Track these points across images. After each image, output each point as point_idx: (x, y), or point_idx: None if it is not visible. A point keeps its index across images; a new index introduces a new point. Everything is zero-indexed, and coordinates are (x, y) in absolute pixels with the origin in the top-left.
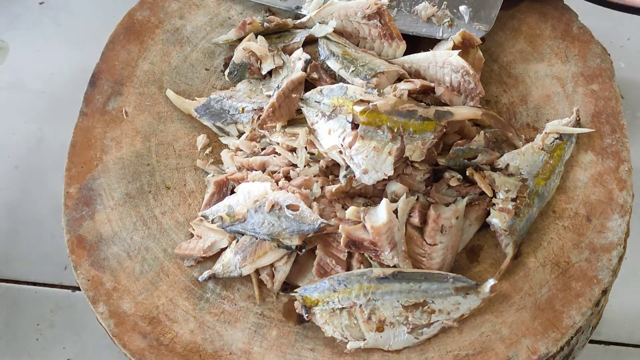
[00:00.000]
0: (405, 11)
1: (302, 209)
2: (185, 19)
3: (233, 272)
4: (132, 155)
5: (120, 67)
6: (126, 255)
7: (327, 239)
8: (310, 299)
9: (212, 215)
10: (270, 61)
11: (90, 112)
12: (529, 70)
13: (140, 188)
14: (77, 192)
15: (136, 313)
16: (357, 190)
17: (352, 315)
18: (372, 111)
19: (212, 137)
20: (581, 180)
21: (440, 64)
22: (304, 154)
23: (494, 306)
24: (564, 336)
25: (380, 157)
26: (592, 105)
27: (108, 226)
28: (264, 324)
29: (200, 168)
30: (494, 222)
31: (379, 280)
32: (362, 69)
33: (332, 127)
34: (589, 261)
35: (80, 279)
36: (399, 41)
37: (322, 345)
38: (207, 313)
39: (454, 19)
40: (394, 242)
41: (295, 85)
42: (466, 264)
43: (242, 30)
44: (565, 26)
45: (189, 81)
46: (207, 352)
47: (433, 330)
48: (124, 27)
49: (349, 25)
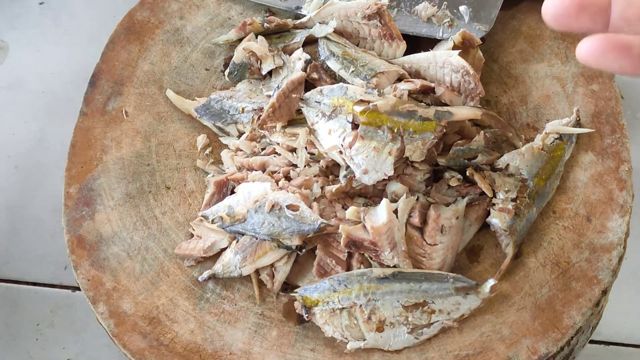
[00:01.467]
0: (405, 11)
1: (302, 209)
2: (186, 19)
3: (233, 272)
4: (132, 155)
5: (120, 67)
6: (126, 255)
7: (327, 239)
8: (310, 299)
9: (212, 215)
10: (270, 61)
11: (90, 112)
12: (529, 71)
13: (141, 188)
14: (77, 192)
15: (136, 313)
16: (357, 190)
17: (352, 315)
18: (372, 111)
19: (212, 137)
20: (581, 180)
21: (441, 64)
22: (304, 154)
23: (494, 306)
24: (564, 336)
25: (380, 157)
26: (592, 105)
27: (108, 226)
28: (264, 324)
29: (200, 168)
30: (494, 222)
31: (379, 280)
32: (362, 69)
33: (332, 127)
34: (589, 261)
35: (80, 279)
36: (399, 41)
37: (323, 346)
38: (207, 313)
39: (454, 19)
40: (394, 242)
41: (295, 85)
42: (466, 264)
43: (243, 31)
44: None
45: (189, 81)
46: (207, 352)
47: (433, 330)
48: (124, 27)
49: (349, 26)
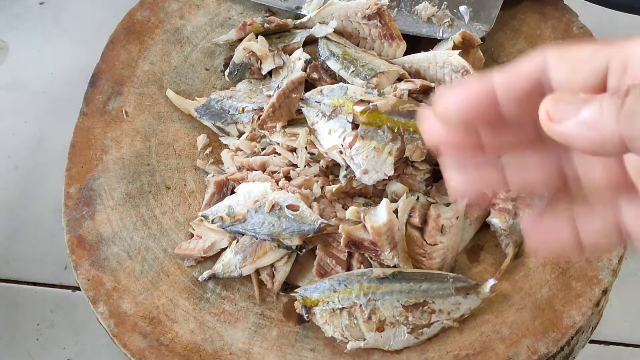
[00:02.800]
0: (405, 11)
1: (302, 209)
2: (186, 19)
3: (233, 272)
4: (132, 155)
5: (120, 67)
6: (126, 255)
7: (327, 239)
8: (310, 299)
9: (212, 215)
10: (270, 61)
11: (90, 112)
12: None
13: (140, 188)
14: (77, 192)
15: (136, 313)
16: (357, 190)
17: (352, 315)
18: (372, 111)
19: (212, 137)
20: None
21: (441, 64)
22: (304, 154)
23: (494, 306)
24: (564, 336)
25: (381, 157)
26: None
27: (108, 226)
28: (264, 324)
29: (200, 168)
30: (494, 222)
31: (379, 280)
32: (362, 69)
33: (333, 127)
34: (589, 261)
35: (80, 279)
36: (399, 41)
37: (323, 345)
38: (207, 313)
39: (454, 19)
40: (394, 242)
41: (295, 85)
42: (466, 264)
43: (243, 31)
44: (565, 26)
45: (189, 81)
46: (207, 352)
47: (433, 330)
48: (124, 27)
49: (349, 26)
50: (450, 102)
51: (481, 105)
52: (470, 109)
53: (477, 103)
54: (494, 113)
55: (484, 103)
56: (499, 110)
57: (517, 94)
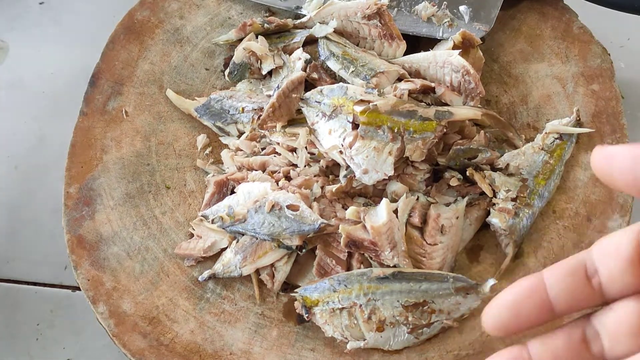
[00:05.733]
0: (405, 11)
1: (302, 209)
2: (185, 19)
3: (233, 272)
4: (132, 155)
5: (120, 67)
6: (126, 255)
7: (327, 239)
8: (311, 299)
9: (212, 215)
10: (270, 61)
11: (90, 112)
12: (529, 70)
13: (140, 188)
14: (77, 192)
15: (136, 313)
16: (357, 190)
17: (352, 315)
18: (372, 111)
19: (212, 137)
20: (581, 180)
21: (441, 64)
22: (304, 154)
23: None
24: None
25: (381, 157)
26: (593, 105)
27: (108, 226)
28: (264, 324)
29: (200, 168)
30: (494, 222)
31: (379, 280)
32: (362, 69)
33: (333, 127)
34: None
35: (80, 279)
36: (399, 41)
37: (323, 345)
38: (207, 313)
39: (454, 19)
40: (394, 242)
41: (295, 85)
42: (466, 264)
43: (243, 32)
44: (566, 26)
45: (189, 81)
46: (207, 352)
47: (433, 330)
48: (124, 27)
49: (349, 25)
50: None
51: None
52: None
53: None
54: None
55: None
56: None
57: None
